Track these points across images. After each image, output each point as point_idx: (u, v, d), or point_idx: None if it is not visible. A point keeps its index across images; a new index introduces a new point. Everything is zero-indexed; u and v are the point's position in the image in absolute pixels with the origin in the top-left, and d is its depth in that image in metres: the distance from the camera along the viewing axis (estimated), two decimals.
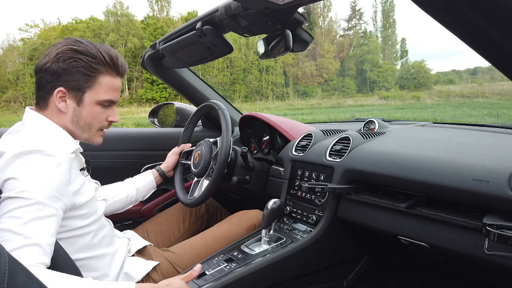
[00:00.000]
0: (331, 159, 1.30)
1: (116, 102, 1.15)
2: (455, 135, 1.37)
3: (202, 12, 1.33)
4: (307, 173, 1.39)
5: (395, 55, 51.83)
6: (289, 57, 41.60)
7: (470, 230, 0.90)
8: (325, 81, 44.02)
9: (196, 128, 1.80)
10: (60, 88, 1.04)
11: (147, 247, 1.32)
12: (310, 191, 1.35)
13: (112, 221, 1.30)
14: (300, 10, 1.14)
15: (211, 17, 1.28)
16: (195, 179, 1.58)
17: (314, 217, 1.29)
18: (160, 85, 34.21)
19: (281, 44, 1.23)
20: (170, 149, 1.65)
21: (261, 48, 1.36)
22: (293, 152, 1.50)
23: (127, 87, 37.93)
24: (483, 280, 1.28)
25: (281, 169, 1.54)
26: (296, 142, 1.54)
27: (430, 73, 45.75)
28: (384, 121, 1.60)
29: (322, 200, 1.29)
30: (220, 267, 1.18)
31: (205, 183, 1.47)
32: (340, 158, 1.27)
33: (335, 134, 1.50)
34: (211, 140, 1.55)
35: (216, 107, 1.53)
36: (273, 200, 1.27)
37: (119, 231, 1.33)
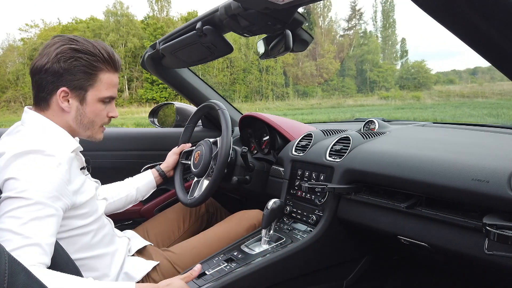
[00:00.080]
0: (331, 159, 1.30)
1: (115, 98, 1.16)
2: (455, 135, 1.37)
3: (202, 12, 1.33)
4: (307, 173, 1.39)
5: (395, 55, 51.84)
6: (289, 57, 41.58)
7: (470, 230, 0.90)
8: (325, 81, 43.98)
9: (196, 128, 1.80)
10: (63, 88, 1.04)
11: (147, 247, 1.32)
12: (310, 191, 1.35)
13: (112, 221, 1.30)
14: (300, 10, 1.14)
15: (211, 17, 1.28)
16: (195, 179, 1.58)
17: (314, 217, 1.29)
18: (160, 85, 34.19)
19: (281, 44, 1.23)
20: (170, 149, 1.65)
21: (261, 48, 1.36)
22: (293, 152, 1.50)
23: (127, 87, 37.93)
24: (483, 280, 1.28)
25: (281, 169, 1.54)
26: (296, 142, 1.54)
27: (430, 73, 45.73)
28: (384, 121, 1.60)
29: (322, 200, 1.30)
30: (220, 267, 1.18)
31: (205, 183, 1.48)
32: (340, 158, 1.27)
33: (335, 134, 1.50)
34: (211, 140, 1.55)
35: (216, 107, 1.53)
36: (273, 200, 1.27)
37: (119, 231, 1.33)
